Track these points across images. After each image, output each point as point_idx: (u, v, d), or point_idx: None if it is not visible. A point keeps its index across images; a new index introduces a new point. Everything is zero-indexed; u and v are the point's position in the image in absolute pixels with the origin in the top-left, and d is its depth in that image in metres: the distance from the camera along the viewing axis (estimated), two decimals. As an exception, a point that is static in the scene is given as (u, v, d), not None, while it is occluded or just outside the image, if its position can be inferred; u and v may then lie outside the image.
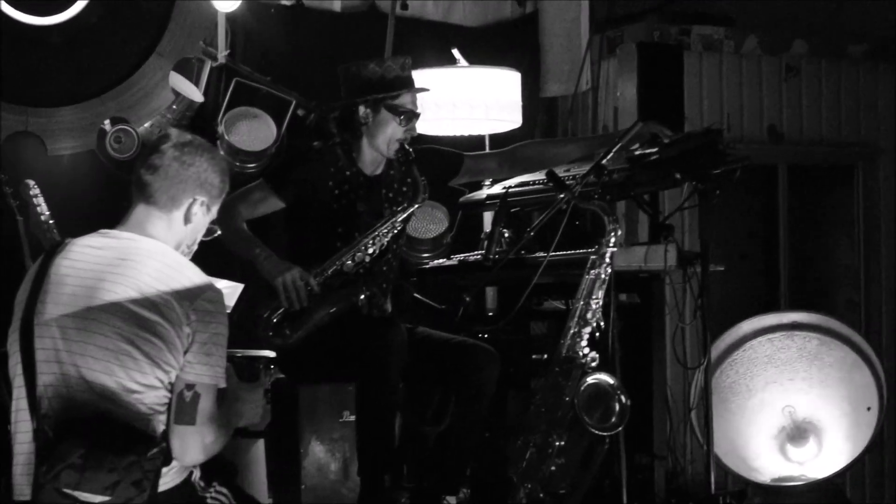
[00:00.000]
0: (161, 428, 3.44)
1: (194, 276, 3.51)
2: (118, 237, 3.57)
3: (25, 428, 3.42)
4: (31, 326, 3.43)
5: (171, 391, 3.45)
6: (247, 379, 3.78)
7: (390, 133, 5.02)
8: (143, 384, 3.40)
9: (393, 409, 4.91)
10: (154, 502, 3.35)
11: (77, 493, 3.29)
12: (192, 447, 3.46)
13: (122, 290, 3.43)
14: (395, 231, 5.06)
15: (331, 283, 4.93)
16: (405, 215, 5.07)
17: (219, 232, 4.94)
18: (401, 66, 5.06)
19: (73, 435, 3.32)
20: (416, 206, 5.08)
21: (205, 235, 3.78)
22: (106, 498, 3.29)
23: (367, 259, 4.99)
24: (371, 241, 4.98)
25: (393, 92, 5.01)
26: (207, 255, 3.87)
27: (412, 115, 5.05)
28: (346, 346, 4.85)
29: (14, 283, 3.60)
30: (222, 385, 3.51)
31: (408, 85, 5.06)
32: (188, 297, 3.44)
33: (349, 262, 4.95)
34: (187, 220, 3.64)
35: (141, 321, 3.40)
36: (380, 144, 5.05)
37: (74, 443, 3.30)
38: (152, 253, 3.51)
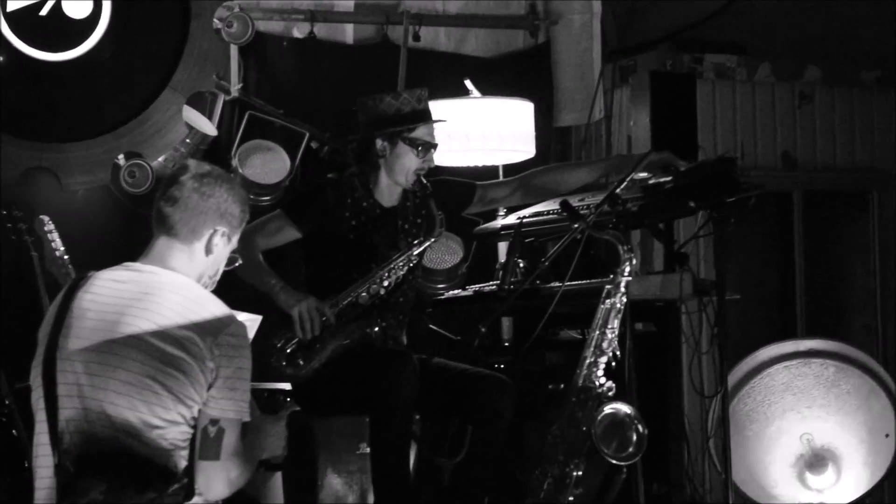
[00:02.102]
0: (182, 463, 3.41)
1: (217, 311, 3.48)
2: (141, 270, 3.54)
3: (46, 463, 3.39)
4: (53, 360, 3.41)
5: (193, 426, 3.42)
6: (268, 411, 3.77)
7: (408, 165, 5.02)
8: (166, 420, 3.37)
9: (407, 442, 4.89)
10: (176, 537, 3.35)
11: (98, 530, 3.28)
12: (216, 482, 3.43)
13: (144, 325, 3.40)
14: (411, 264, 5.06)
15: (345, 315, 4.93)
16: (421, 249, 5.07)
17: (240, 261, 4.93)
18: (417, 99, 5.07)
19: (94, 471, 3.30)
20: (433, 240, 5.08)
21: (226, 265, 3.75)
22: (126, 534, 3.28)
23: (383, 291, 4.98)
24: (387, 274, 4.98)
25: (410, 125, 5.01)
26: (225, 287, 3.86)
27: (430, 147, 5.06)
28: (359, 378, 4.84)
29: (30, 318, 3.60)
30: (246, 419, 3.48)
31: (424, 117, 5.07)
32: (211, 331, 3.42)
33: (364, 294, 4.96)
34: (208, 251, 3.61)
35: (164, 356, 3.37)
36: (398, 176, 5.05)
37: (95, 479, 3.29)
38: (174, 287, 3.49)
